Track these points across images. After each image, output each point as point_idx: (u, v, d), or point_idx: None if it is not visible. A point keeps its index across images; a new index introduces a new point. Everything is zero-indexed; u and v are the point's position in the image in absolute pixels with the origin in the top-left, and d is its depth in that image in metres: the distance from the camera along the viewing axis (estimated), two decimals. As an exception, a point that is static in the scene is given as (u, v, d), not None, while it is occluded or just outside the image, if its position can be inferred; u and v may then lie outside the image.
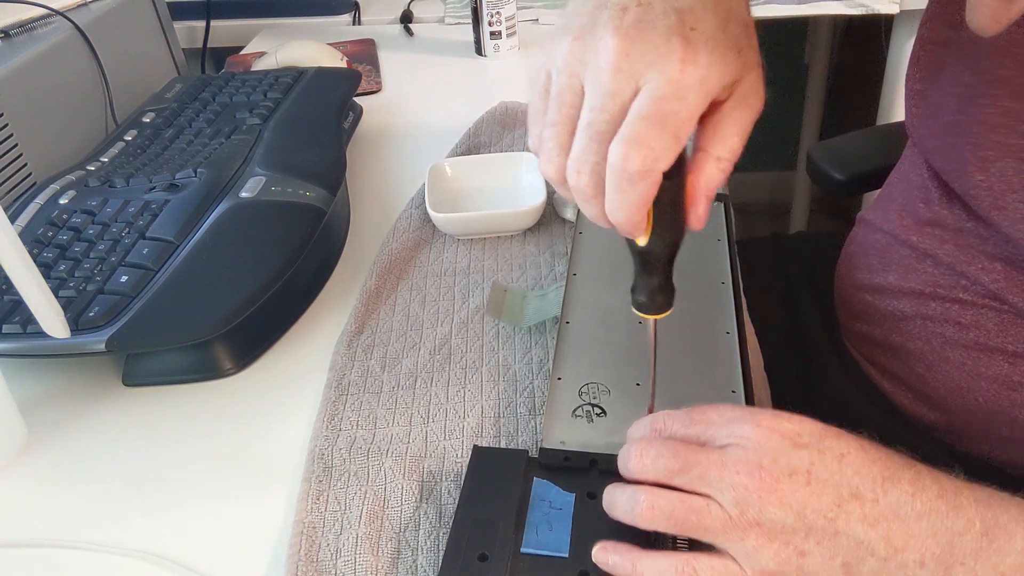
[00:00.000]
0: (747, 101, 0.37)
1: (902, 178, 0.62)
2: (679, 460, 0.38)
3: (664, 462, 0.38)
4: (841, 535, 0.35)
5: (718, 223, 0.63)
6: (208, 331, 0.53)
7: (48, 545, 0.45)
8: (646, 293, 0.40)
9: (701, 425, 0.39)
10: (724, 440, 0.38)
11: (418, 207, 0.71)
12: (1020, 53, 0.47)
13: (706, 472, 0.37)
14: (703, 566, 0.36)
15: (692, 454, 0.38)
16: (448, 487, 0.46)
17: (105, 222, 0.61)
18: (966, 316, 0.54)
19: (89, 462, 0.51)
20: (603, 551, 0.38)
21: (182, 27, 1.16)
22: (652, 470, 0.38)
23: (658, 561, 0.37)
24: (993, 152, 0.49)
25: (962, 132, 0.51)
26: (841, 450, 0.37)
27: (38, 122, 0.77)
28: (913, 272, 0.57)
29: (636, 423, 0.43)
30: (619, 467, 0.40)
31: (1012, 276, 0.51)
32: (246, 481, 0.49)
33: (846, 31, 1.82)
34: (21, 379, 0.56)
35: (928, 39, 0.56)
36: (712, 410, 0.40)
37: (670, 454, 0.38)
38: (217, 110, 0.80)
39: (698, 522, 0.36)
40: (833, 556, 0.35)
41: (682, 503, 0.37)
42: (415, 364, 0.55)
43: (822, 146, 0.90)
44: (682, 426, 0.40)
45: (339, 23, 1.24)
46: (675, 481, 0.37)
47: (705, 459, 0.37)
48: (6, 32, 0.81)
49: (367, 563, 0.42)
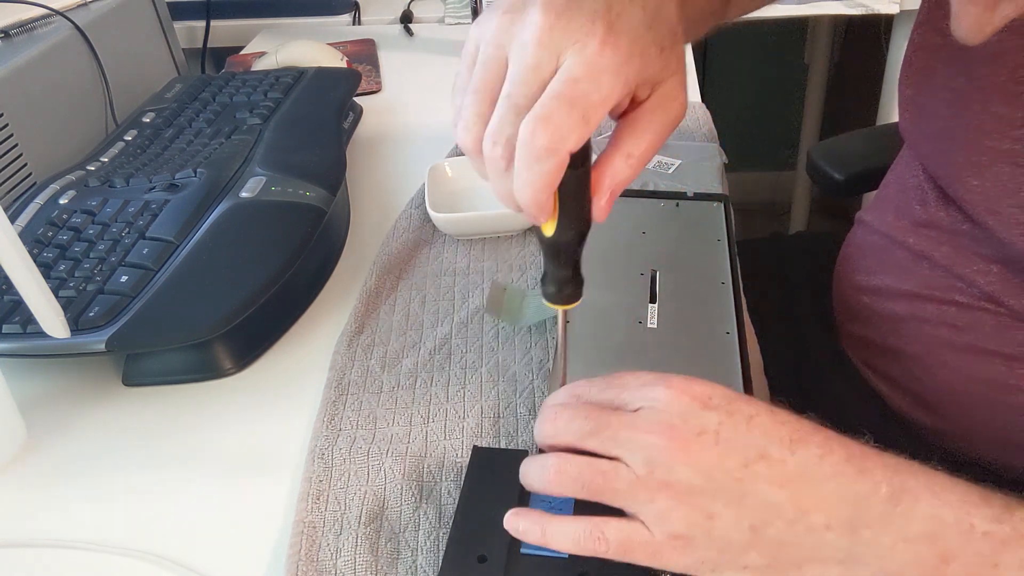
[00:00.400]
0: (667, 104, 0.37)
1: (898, 179, 0.62)
2: (591, 422, 0.38)
3: (577, 424, 0.38)
4: (749, 496, 0.35)
5: (718, 223, 0.63)
6: (208, 331, 0.53)
7: (48, 545, 0.45)
8: (555, 284, 0.41)
9: (616, 389, 0.40)
10: (637, 403, 0.38)
11: (418, 207, 0.71)
12: (1011, 60, 0.47)
13: (617, 433, 0.37)
14: (611, 529, 0.36)
15: (604, 416, 0.38)
16: (448, 487, 0.46)
17: (105, 222, 0.61)
18: (962, 319, 0.54)
19: (89, 462, 0.51)
20: (514, 517, 0.38)
21: (182, 27, 1.16)
22: (565, 432, 0.39)
23: (567, 525, 0.37)
24: (986, 157, 0.49)
25: (955, 137, 0.51)
26: (750, 412, 0.37)
27: (38, 122, 0.77)
28: (909, 274, 0.57)
29: (554, 392, 0.43)
30: (535, 434, 0.40)
31: (1008, 278, 0.51)
32: (246, 481, 0.49)
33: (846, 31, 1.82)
34: (21, 379, 0.56)
35: (919, 45, 0.56)
36: (629, 375, 0.40)
37: (583, 416, 0.38)
38: (217, 110, 0.80)
39: (606, 484, 0.36)
40: (741, 518, 0.35)
41: (590, 466, 0.37)
42: (415, 364, 0.55)
43: (822, 146, 0.91)
44: (598, 391, 0.40)
45: (339, 23, 1.24)
46: (587, 444, 0.38)
47: (617, 421, 0.37)
48: (6, 32, 0.81)
49: (367, 563, 0.42)
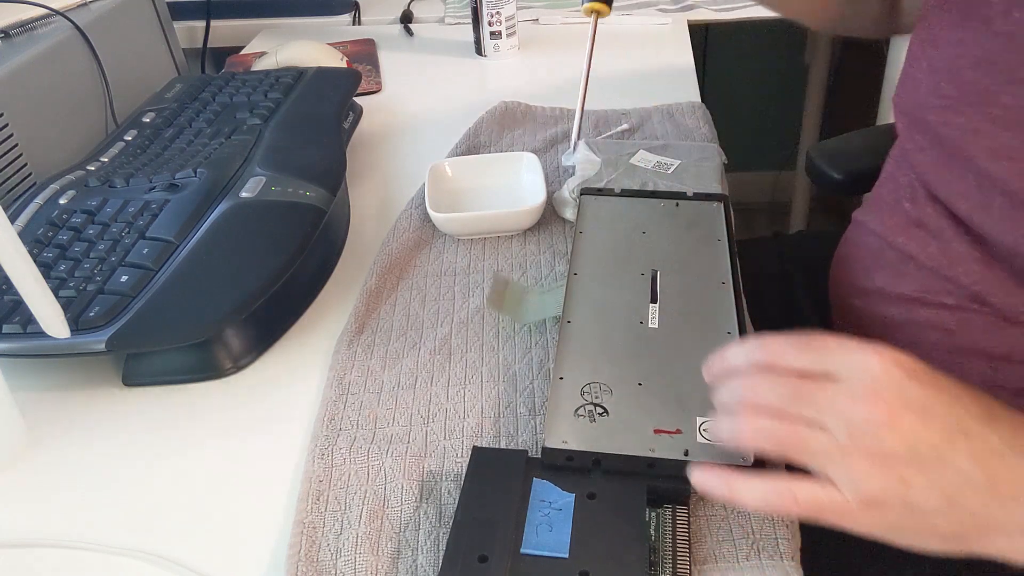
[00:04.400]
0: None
1: (889, 178, 0.63)
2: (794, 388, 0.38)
3: (781, 389, 0.38)
4: (946, 467, 0.36)
5: (718, 223, 0.63)
6: (208, 331, 0.53)
7: (48, 545, 0.45)
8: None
9: (817, 353, 0.39)
10: (845, 372, 0.38)
11: (418, 207, 0.71)
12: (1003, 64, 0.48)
13: (823, 402, 0.37)
14: (802, 490, 0.37)
15: (808, 385, 0.38)
16: (448, 487, 0.46)
17: (105, 222, 0.61)
18: (952, 321, 0.54)
19: (89, 462, 0.51)
20: (700, 472, 0.39)
21: (182, 27, 1.16)
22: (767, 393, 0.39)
23: (756, 484, 0.37)
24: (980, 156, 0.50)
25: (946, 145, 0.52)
26: (954, 390, 0.38)
27: (38, 122, 0.77)
28: (900, 276, 0.58)
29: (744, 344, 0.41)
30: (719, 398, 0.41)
31: (991, 277, 0.52)
32: (246, 481, 0.49)
33: (846, 31, 1.81)
34: (21, 379, 0.56)
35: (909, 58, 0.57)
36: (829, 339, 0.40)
37: (785, 383, 0.38)
38: (217, 110, 0.80)
39: (803, 444, 0.37)
40: (935, 487, 0.36)
41: (789, 422, 0.37)
42: (415, 364, 0.55)
43: (821, 146, 0.91)
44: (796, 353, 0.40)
45: (339, 23, 1.24)
46: (791, 408, 0.38)
47: (822, 391, 0.38)
48: (6, 32, 0.81)
49: (367, 563, 0.42)
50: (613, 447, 0.44)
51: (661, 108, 0.87)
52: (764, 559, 0.41)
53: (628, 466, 0.44)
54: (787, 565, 0.41)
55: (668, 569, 0.40)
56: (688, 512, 0.43)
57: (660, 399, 0.47)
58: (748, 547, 0.42)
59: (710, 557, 0.42)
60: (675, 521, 0.42)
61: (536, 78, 1.00)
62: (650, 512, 0.43)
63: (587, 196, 0.67)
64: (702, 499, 0.44)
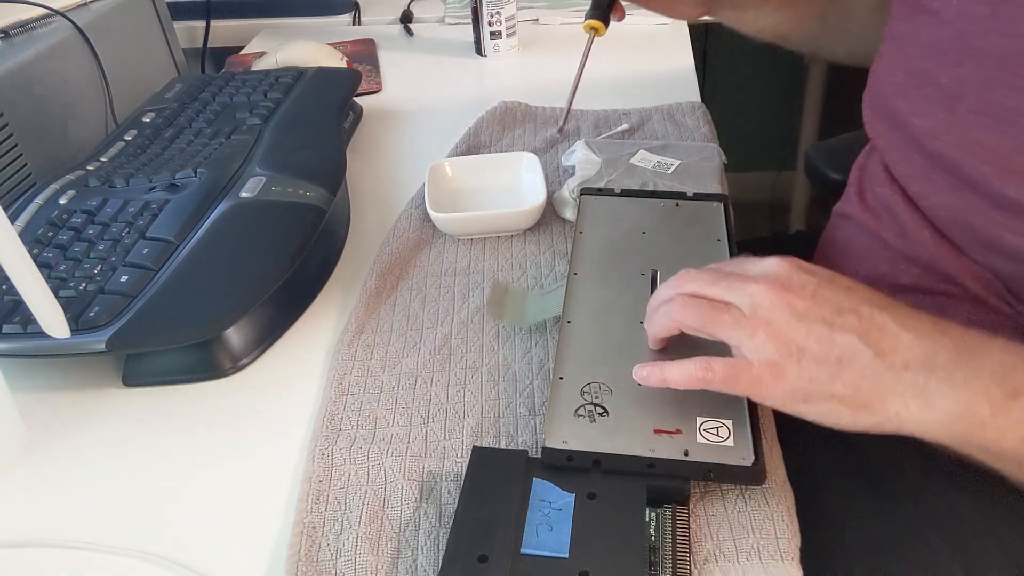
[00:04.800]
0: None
1: (859, 167, 0.67)
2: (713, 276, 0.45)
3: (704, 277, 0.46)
4: (836, 336, 0.41)
5: (718, 223, 0.63)
6: (208, 331, 0.53)
7: (48, 545, 0.45)
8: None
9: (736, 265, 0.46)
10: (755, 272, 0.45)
11: (418, 207, 0.71)
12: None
13: (733, 284, 0.44)
14: (717, 363, 0.43)
15: (723, 273, 0.45)
16: (448, 487, 0.46)
17: (105, 222, 0.61)
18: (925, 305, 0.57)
19: (89, 462, 0.51)
20: (638, 368, 0.46)
21: (182, 27, 1.16)
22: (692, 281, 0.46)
23: (682, 363, 0.44)
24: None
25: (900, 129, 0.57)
26: (849, 283, 0.43)
27: (38, 122, 0.77)
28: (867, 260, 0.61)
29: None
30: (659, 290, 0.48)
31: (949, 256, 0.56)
32: (246, 481, 0.49)
33: (846, 31, 1.81)
34: (21, 379, 0.56)
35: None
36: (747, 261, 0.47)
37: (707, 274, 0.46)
38: (217, 110, 0.80)
39: (719, 318, 0.43)
40: (828, 352, 0.41)
41: (709, 303, 0.44)
42: (415, 364, 0.55)
43: (819, 146, 0.91)
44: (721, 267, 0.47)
45: (339, 23, 1.24)
46: (708, 291, 0.45)
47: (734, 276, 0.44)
48: (6, 32, 0.81)
49: (367, 563, 0.42)
50: (613, 447, 0.44)
51: (661, 108, 0.87)
52: (764, 559, 0.41)
53: (628, 466, 0.44)
54: (787, 565, 0.41)
55: (668, 569, 0.40)
56: (688, 512, 0.43)
57: (660, 399, 0.47)
58: (748, 547, 0.42)
59: (710, 557, 0.42)
60: (675, 521, 0.42)
61: (536, 78, 1.00)
62: (650, 512, 0.43)
63: (587, 196, 0.67)
64: (702, 499, 0.44)
